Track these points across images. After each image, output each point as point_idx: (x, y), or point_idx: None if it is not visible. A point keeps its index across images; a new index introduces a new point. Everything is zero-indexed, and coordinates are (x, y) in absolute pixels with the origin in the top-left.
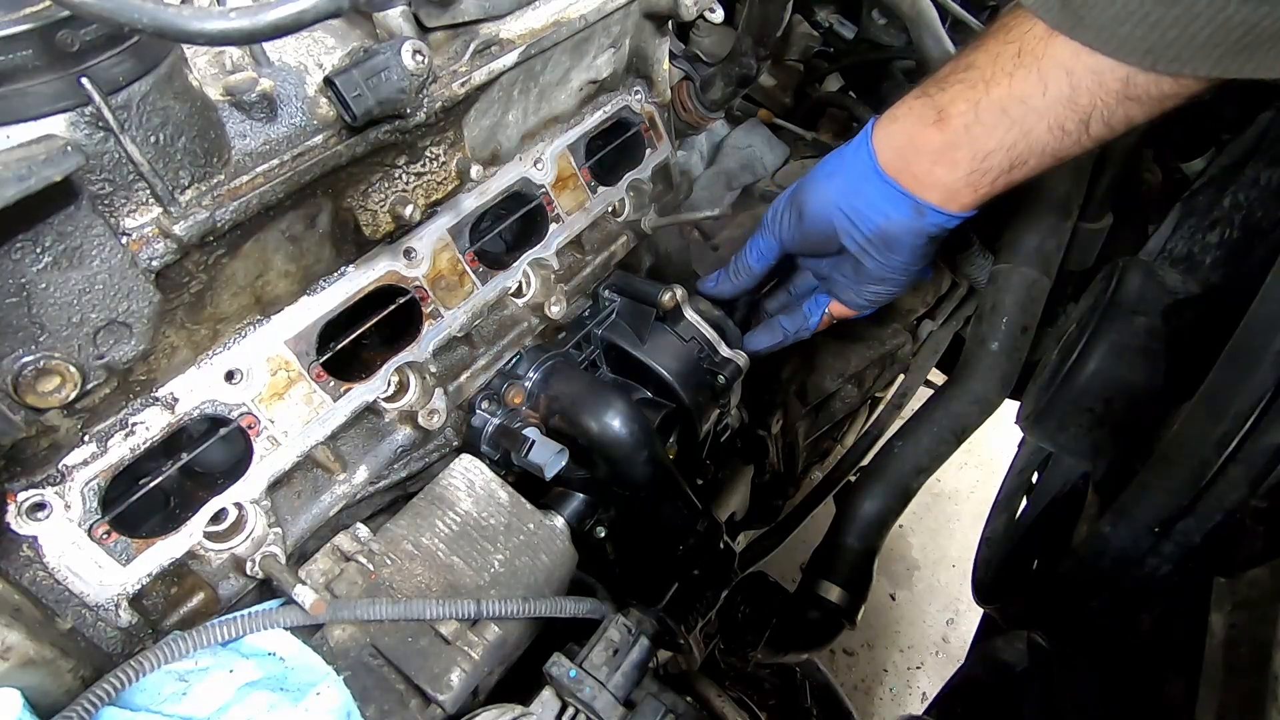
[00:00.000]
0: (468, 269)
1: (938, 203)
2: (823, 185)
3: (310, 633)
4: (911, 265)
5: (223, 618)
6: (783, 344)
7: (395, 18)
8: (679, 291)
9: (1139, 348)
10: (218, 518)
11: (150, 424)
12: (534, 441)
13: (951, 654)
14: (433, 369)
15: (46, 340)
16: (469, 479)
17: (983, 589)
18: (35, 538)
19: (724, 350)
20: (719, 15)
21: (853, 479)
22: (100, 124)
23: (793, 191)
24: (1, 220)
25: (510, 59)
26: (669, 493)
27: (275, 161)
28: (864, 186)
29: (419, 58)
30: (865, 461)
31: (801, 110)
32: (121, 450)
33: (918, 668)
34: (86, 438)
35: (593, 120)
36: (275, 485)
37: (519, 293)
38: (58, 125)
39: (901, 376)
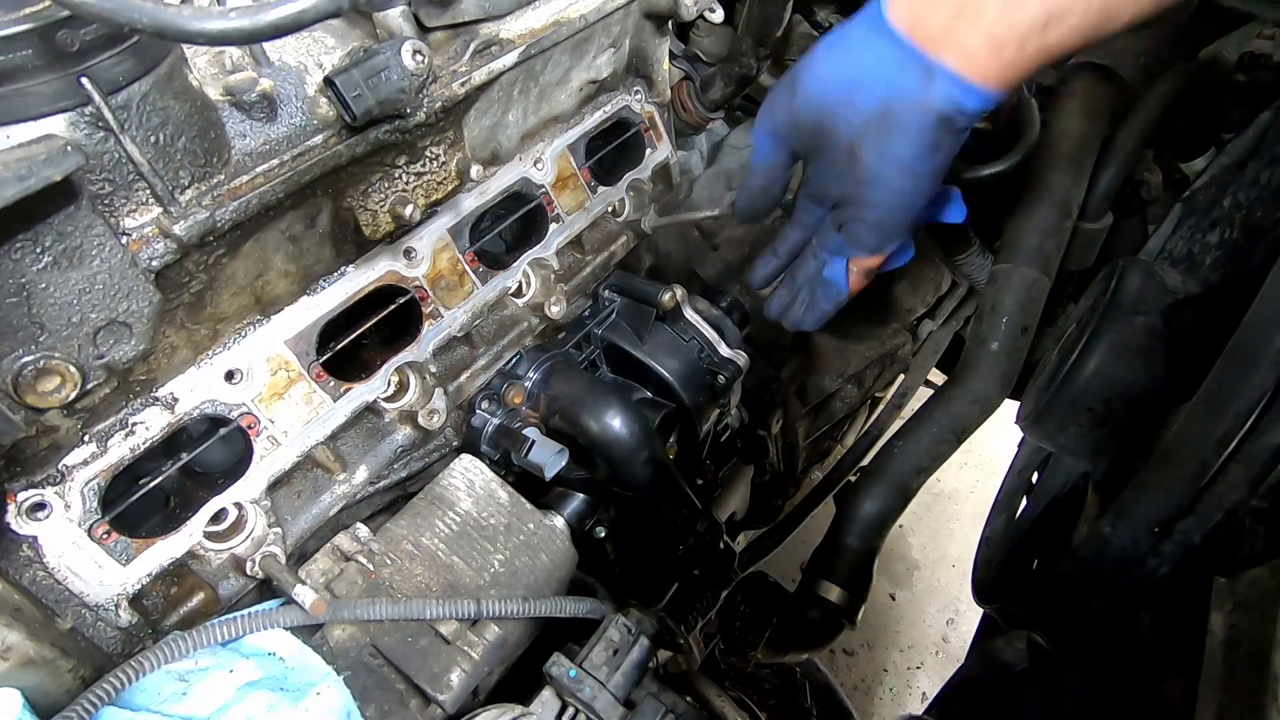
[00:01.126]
0: (468, 269)
1: (954, 66)
2: (821, 54)
3: (310, 633)
4: (917, 166)
5: (223, 618)
6: (828, 315)
7: (395, 18)
8: (679, 291)
9: (1139, 348)
10: (218, 518)
11: (150, 424)
12: (534, 441)
13: (951, 654)
14: (433, 369)
15: (46, 340)
16: (469, 479)
17: (983, 589)
18: (35, 538)
19: (724, 350)
20: (719, 15)
21: (853, 479)
22: (100, 124)
23: (792, 69)
24: (1, 220)
25: (510, 59)
26: (669, 493)
27: (275, 161)
28: (866, 48)
29: (419, 58)
30: (865, 461)
31: None
32: (121, 450)
33: (918, 668)
34: (86, 438)
35: (593, 120)
36: (275, 485)
37: (519, 293)
38: (58, 125)
39: (901, 376)
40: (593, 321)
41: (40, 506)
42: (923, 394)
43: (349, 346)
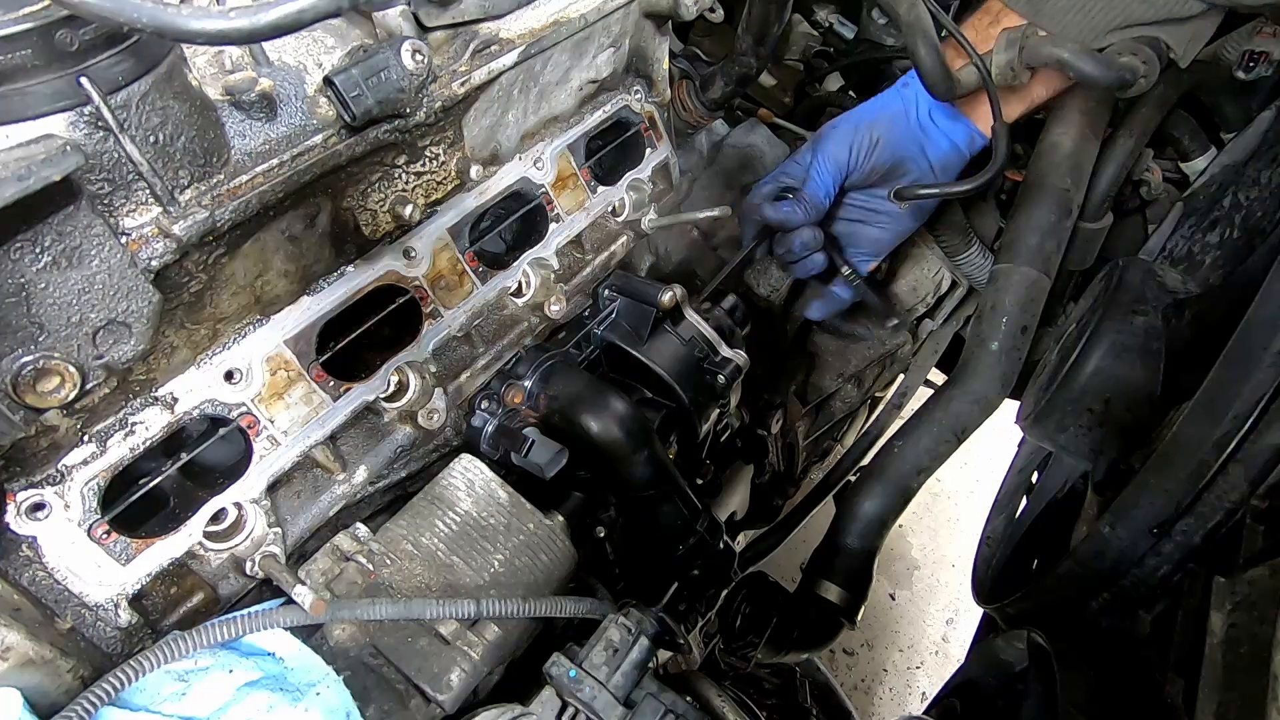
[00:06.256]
0: (467, 269)
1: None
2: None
3: (310, 633)
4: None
5: (222, 618)
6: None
7: (395, 17)
8: (679, 291)
9: (1139, 348)
10: (217, 518)
11: (150, 424)
12: (534, 441)
13: (951, 654)
14: (432, 369)
15: (46, 340)
16: (469, 479)
17: (983, 589)
18: (35, 538)
19: (724, 350)
20: (719, 15)
21: (853, 479)
22: (100, 124)
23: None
24: (1, 220)
25: (510, 59)
26: (669, 492)
27: (275, 161)
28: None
29: (418, 57)
30: (865, 461)
31: (801, 110)
32: (121, 450)
33: (918, 668)
34: (86, 437)
35: (592, 120)
36: (275, 485)
37: (519, 292)
38: (57, 125)
39: (901, 376)
40: (593, 321)
41: (40, 506)
42: (923, 394)
43: (349, 346)
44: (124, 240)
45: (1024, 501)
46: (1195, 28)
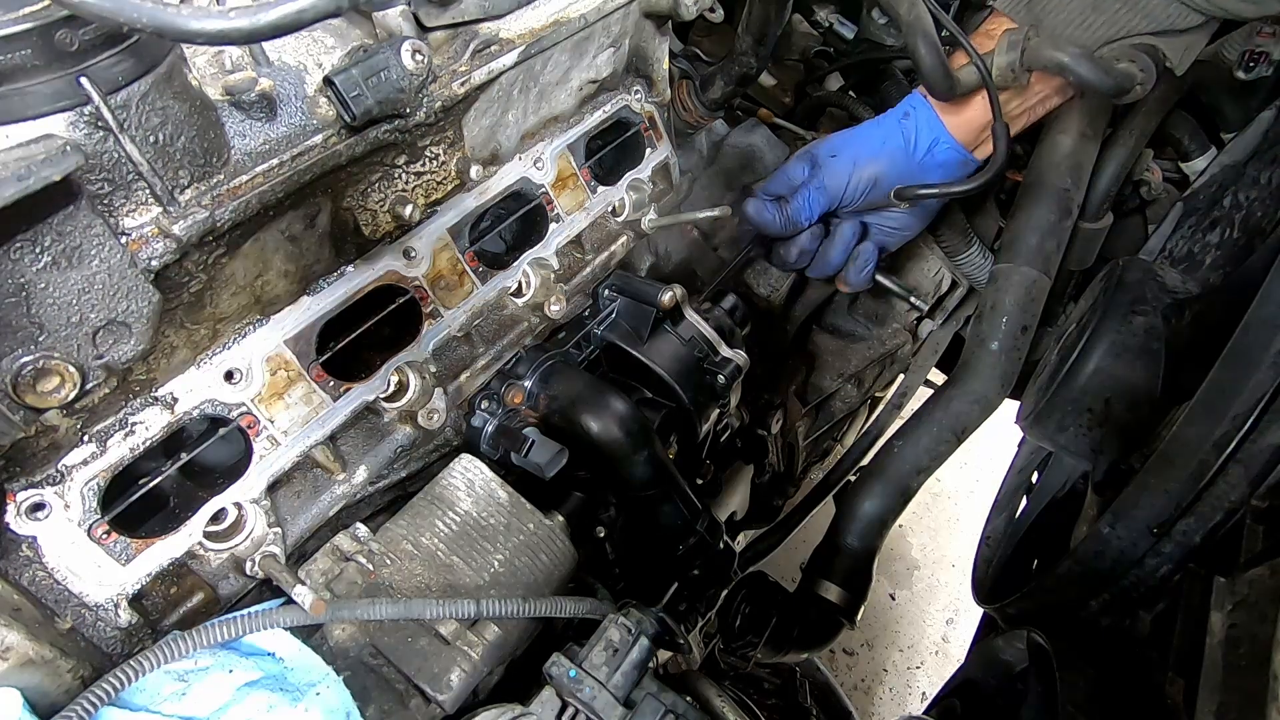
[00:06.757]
0: (467, 269)
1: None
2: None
3: (310, 633)
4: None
5: (222, 618)
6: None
7: (395, 17)
8: (679, 291)
9: (1139, 348)
10: (217, 518)
11: (150, 424)
12: (534, 441)
13: (951, 654)
14: (432, 369)
15: (46, 340)
16: (469, 479)
17: (983, 589)
18: (35, 538)
19: (724, 350)
20: (719, 15)
21: (853, 479)
22: (99, 123)
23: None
24: (1, 220)
25: (510, 58)
26: (669, 493)
27: (275, 161)
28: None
29: (418, 57)
30: (865, 461)
31: (801, 110)
32: (121, 450)
33: (918, 668)
34: (86, 437)
35: (593, 120)
36: (275, 485)
37: (519, 292)
38: (57, 125)
39: (901, 376)
40: (593, 321)
41: (40, 506)
42: (923, 394)
43: (349, 346)
44: (124, 240)
45: (1024, 501)
46: (1190, 39)
